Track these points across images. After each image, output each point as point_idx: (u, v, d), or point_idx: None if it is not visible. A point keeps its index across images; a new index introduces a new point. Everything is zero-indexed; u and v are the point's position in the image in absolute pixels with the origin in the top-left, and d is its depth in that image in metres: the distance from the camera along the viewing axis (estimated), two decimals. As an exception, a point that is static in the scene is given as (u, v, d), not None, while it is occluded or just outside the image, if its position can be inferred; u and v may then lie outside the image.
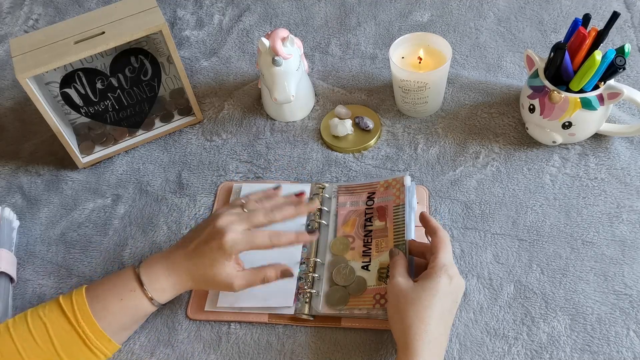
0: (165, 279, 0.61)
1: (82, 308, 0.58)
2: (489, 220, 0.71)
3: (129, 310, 0.60)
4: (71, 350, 0.57)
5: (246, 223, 0.61)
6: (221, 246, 0.59)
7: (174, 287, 0.62)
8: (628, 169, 0.74)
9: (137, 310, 0.61)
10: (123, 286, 0.61)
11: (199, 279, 0.61)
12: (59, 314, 0.58)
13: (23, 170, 0.85)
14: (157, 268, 0.61)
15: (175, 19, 1.04)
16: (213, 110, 0.89)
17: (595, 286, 0.64)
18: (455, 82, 0.87)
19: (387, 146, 0.81)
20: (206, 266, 0.60)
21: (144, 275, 0.61)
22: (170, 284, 0.61)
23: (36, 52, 0.72)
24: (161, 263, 0.62)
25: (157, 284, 0.61)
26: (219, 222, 0.61)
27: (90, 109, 0.82)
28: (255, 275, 0.62)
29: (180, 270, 0.61)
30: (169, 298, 0.62)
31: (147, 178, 0.81)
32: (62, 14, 1.09)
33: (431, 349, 0.54)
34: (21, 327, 0.57)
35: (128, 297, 0.60)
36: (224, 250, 0.59)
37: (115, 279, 0.62)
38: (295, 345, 0.63)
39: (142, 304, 0.61)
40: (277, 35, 0.76)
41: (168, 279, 0.61)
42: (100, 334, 0.58)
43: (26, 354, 0.56)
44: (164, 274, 0.61)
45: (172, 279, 0.61)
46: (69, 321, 0.58)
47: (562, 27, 0.93)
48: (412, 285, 0.57)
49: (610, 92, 0.69)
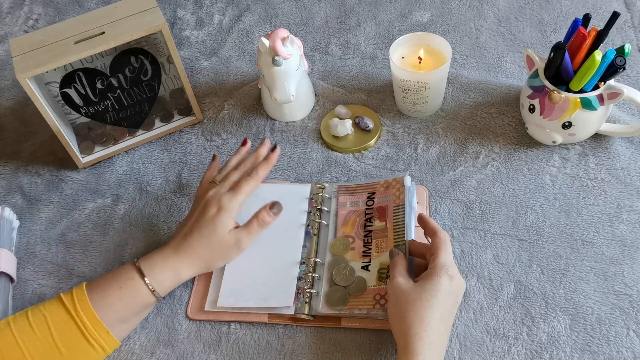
0: (164, 265, 0.62)
1: (81, 298, 0.59)
2: (489, 220, 0.71)
3: (128, 299, 0.61)
4: (69, 341, 0.57)
5: (227, 184, 0.67)
6: (219, 207, 0.63)
7: (175, 273, 0.62)
8: (628, 169, 0.74)
9: (135, 299, 0.61)
10: (122, 276, 0.61)
11: (204, 253, 0.63)
12: (59, 305, 0.59)
13: (23, 170, 0.85)
14: (156, 258, 0.63)
15: (175, 19, 1.04)
16: (213, 110, 0.89)
17: (595, 286, 0.64)
18: (455, 82, 0.87)
19: (387, 146, 0.81)
20: (209, 233, 0.63)
21: (143, 265, 0.62)
22: (170, 271, 0.62)
23: (36, 52, 0.72)
24: (161, 252, 0.63)
25: (157, 272, 0.62)
26: (206, 196, 0.66)
27: (90, 109, 0.82)
28: (253, 224, 0.65)
29: (182, 252, 0.63)
30: (168, 288, 0.63)
31: (147, 178, 0.81)
32: (62, 14, 1.09)
33: (431, 349, 0.54)
34: (21, 321, 0.58)
35: (126, 285, 0.61)
36: (223, 208, 0.63)
37: (115, 271, 0.63)
38: (295, 345, 0.63)
39: (141, 292, 0.61)
40: (277, 35, 0.76)
41: (167, 264, 0.62)
42: (98, 324, 0.58)
43: (25, 345, 0.56)
44: (163, 261, 0.62)
45: (173, 263, 0.62)
46: (67, 311, 0.58)
47: (562, 27, 0.93)
48: (413, 285, 0.57)
49: (610, 92, 0.69)
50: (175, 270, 0.62)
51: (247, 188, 0.66)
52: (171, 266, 0.62)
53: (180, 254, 0.63)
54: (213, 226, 0.63)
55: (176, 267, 0.62)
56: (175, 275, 0.63)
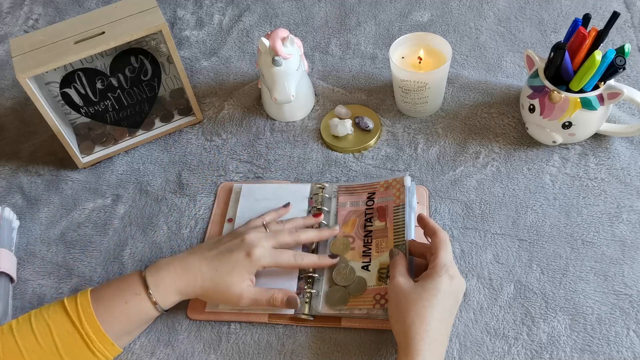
0: (172, 281, 0.61)
1: (87, 311, 0.58)
2: (489, 220, 0.71)
3: (133, 315, 0.60)
4: (74, 352, 0.57)
5: (273, 240, 0.65)
6: (249, 256, 0.62)
7: (180, 291, 0.61)
8: (628, 169, 0.74)
9: (140, 314, 0.61)
10: (128, 289, 0.61)
11: (211, 285, 0.61)
12: (63, 315, 0.58)
13: (23, 170, 0.85)
14: (164, 271, 0.61)
15: (175, 19, 1.04)
16: (213, 110, 0.89)
17: (595, 286, 0.64)
18: (455, 82, 0.87)
19: (387, 146, 0.81)
20: (225, 272, 0.61)
21: (150, 279, 0.61)
22: (175, 288, 0.61)
23: (36, 52, 0.72)
24: (171, 265, 0.62)
25: (163, 287, 0.61)
26: (248, 237, 0.63)
27: (90, 109, 0.82)
28: (263, 294, 0.63)
29: (192, 273, 0.61)
30: (172, 303, 0.62)
31: (147, 178, 0.81)
32: (62, 14, 1.09)
33: (432, 349, 0.54)
34: (24, 328, 0.57)
35: (132, 300, 0.60)
36: (250, 260, 0.62)
37: (120, 282, 0.62)
38: (295, 345, 0.63)
39: (146, 308, 0.61)
40: (277, 35, 0.76)
41: (175, 282, 0.61)
42: (103, 337, 0.58)
43: (28, 355, 0.56)
44: (171, 277, 0.61)
45: (180, 281, 0.61)
46: (72, 323, 0.57)
47: (562, 27, 0.93)
48: (413, 285, 0.57)
49: (610, 92, 0.69)
50: (180, 293, 0.62)
51: (282, 260, 0.64)
52: (178, 286, 0.61)
53: (191, 274, 0.62)
54: (231, 269, 0.61)
55: (181, 291, 0.62)
56: (180, 296, 0.62)
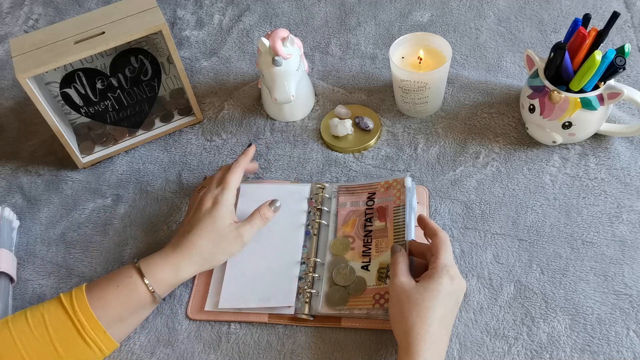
0: (164, 263, 0.62)
1: (80, 297, 0.59)
2: (489, 220, 0.71)
3: (125, 298, 0.60)
4: (66, 340, 0.57)
5: (214, 183, 0.68)
6: (214, 201, 0.65)
7: (175, 272, 0.62)
8: (628, 169, 0.74)
9: (132, 297, 0.61)
10: (120, 275, 0.62)
11: (205, 248, 0.63)
12: (57, 305, 0.59)
13: (23, 170, 0.85)
14: (156, 257, 0.63)
15: (175, 19, 1.04)
16: (213, 110, 0.89)
17: (595, 286, 0.64)
18: (455, 82, 0.87)
19: (387, 146, 0.81)
20: (209, 226, 0.64)
21: (143, 265, 0.62)
22: (170, 269, 0.62)
23: (36, 52, 0.72)
24: (161, 251, 0.64)
25: (156, 270, 0.62)
26: (200, 194, 0.68)
27: (90, 109, 0.82)
28: (253, 218, 0.67)
29: (182, 248, 0.63)
30: (167, 287, 0.63)
31: (147, 178, 0.81)
32: (62, 14, 1.09)
33: (432, 349, 0.54)
34: (20, 321, 0.58)
35: (125, 283, 0.61)
36: (218, 201, 0.65)
37: (115, 271, 0.63)
38: (295, 345, 0.63)
39: (139, 291, 0.61)
40: (277, 35, 0.76)
41: (167, 263, 0.62)
42: (95, 323, 0.58)
43: (22, 345, 0.56)
44: (163, 260, 0.62)
45: (172, 261, 0.62)
46: (65, 310, 0.58)
47: (562, 27, 0.93)
48: (414, 285, 0.57)
49: (610, 92, 0.69)
50: (175, 268, 0.62)
51: (233, 178, 0.68)
52: (171, 264, 0.62)
53: (180, 251, 0.63)
54: (212, 219, 0.64)
55: (176, 265, 0.62)
56: (175, 274, 0.62)
